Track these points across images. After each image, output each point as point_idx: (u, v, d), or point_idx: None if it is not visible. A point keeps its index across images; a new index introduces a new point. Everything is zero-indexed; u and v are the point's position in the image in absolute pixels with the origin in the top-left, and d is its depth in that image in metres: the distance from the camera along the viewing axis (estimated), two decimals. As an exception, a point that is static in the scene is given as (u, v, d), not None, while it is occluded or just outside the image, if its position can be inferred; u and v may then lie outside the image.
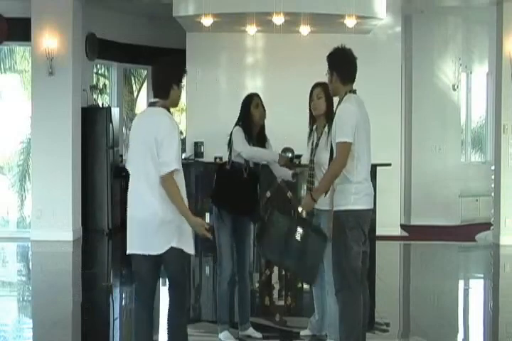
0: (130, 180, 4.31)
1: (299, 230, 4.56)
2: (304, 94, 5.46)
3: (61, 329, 5.75)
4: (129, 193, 4.31)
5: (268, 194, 8.61)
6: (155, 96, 4.22)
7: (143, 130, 4.17)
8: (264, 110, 5.44)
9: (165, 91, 4.19)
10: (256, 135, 5.37)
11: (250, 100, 5.34)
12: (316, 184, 5.02)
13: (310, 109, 5.21)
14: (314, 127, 5.18)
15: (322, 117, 5.08)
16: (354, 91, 4.60)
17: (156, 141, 4.04)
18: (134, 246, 4.26)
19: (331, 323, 5.04)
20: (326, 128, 5.01)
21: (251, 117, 5.29)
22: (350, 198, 4.43)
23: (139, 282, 4.40)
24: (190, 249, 4.21)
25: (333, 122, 4.51)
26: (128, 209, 4.26)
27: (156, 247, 4.14)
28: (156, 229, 4.10)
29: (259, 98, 5.42)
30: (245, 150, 5.15)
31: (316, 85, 5.18)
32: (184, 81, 4.37)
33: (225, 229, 5.26)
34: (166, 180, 4.05)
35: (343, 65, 4.59)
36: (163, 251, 4.14)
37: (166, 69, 4.29)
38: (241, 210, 5.21)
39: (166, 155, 4.02)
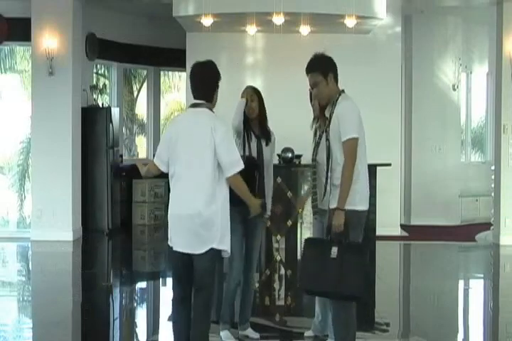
0: (175, 179, 4.34)
1: (334, 250, 4.27)
2: (304, 94, 5.47)
3: (61, 329, 5.75)
4: (175, 192, 4.36)
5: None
6: (201, 99, 4.40)
7: (195, 131, 4.29)
8: (260, 102, 5.36)
9: (211, 94, 4.43)
10: (259, 129, 5.29)
11: (241, 96, 5.34)
12: (317, 182, 5.03)
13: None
14: (317, 125, 5.17)
15: (323, 117, 5.08)
16: (343, 91, 4.60)
17: (214, 143, 4.21)
18: (176, 244, 4.32)
19: (329, 322, 5.05)
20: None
21: (244, 113, 5.26)
22: (355, 198, 4.37)
23: (174, 279, 4.49)
24: (228, 248, 4.38)
25: (333, 120, 4.46)
26: (171, 208, 4.35)
27: (197, 247, 4.24)
28: (199, 229, 4.20)
29: (251, 90, 5.40)
30: None
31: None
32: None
33: (235, 229, 5.08)
34: (235, 178, 4.27)
35: (335, 65, 4.61)
36: (203, 251, 4.24)
37: (213, 74, 4.52)
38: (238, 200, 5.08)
39: (231, 156, 4.25)
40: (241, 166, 4.25)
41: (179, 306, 4.45)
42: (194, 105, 4.42)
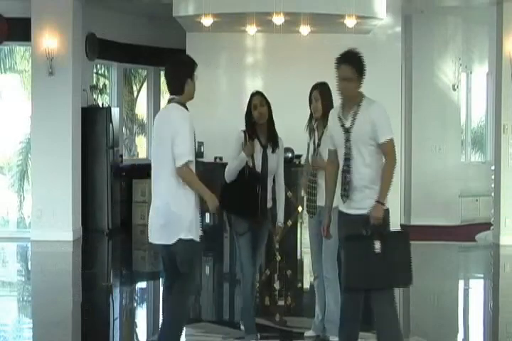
0: (152, 172, 4.54)
1: (377, 244, 4.24)
2: (304, 94, 5.47)
3: (61, 329, 5.75)
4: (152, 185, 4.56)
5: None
6: (171, 94, 4.49)
7: (160, 126, 4.46)
8: (268, 107, 5.24)
9: (179, 88, 4.44)
10: (266, 133, 5.23)
11: (250, 100, 5.29)
12: (319, 183, 5.05)
13: (311, 109, 5.28)
14: (315, 125, 5.19)
15: (321, 118, 5.09)
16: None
17: (171, 136, 4.31)
18: (151, 236, 4.48)
19: (329, 319, 5.09)
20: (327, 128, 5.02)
21: (252, 118, 5.23)
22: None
23: (164, 272, 4.64)
24: (197, 238, 4.38)
25: (361, 123, 4.31)
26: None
27: (166, 238, 4.34)
28: (167, 220, 4.31)
29: (260, 96, 5.27)
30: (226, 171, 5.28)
31: (314, 87, 5.27)
32: (196, 73, 4.54)
33: (244, 236, 5.18)
34: (181, 171, 4.31)
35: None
36: (172, 242, 4.32)
37: (178, 67, 4.50)
38: (243, 211, 5.13)
39: (179, 148, 4.29)
40: (184, 159, 4.27)
41: (166, 294, 4.63)
42: (168, 101, 4.55)
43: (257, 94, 5.26)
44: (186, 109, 4.47)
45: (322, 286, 5.23)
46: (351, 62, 4.37)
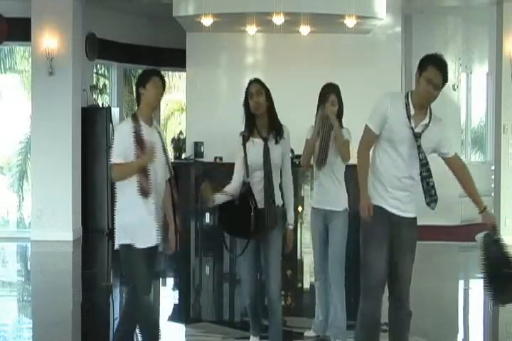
0: None
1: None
2: (304, 94, 5.48)
3: (61, 329, 5.75)
4: None
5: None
6: None
7: None
8: (267, 95, 4.87)
9: (137, 102, 4.52)
10: (267, 124, 4.74)
11: (247, 89, 4.99)
12: (324, 184, 5.09)
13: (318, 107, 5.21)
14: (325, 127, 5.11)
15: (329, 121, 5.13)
16: None
17: None
18: None
19: (337, 325, 5.05)
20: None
21: (249, 109, 4.87)
22: None
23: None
24: (136, 242, 4.28)
25: (433, 130, 4.30)
26: None
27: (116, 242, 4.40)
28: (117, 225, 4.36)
29: (258, 84, 4.93)
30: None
31: (331, 90, 5.19)
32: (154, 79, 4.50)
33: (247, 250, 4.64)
34: (111, 173, 4.36)
35: None
36: (116, 247, 4.35)
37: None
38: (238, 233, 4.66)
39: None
40: (111, 163, 4.31)
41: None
42: None
43: (254, 81, 4.92)
44: (149, 120, 4.46)
45: (323, 288, 5.21)
46: (445, 71, 4.13)
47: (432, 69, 4.09)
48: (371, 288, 4.17)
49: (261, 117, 4.75)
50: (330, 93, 5.16)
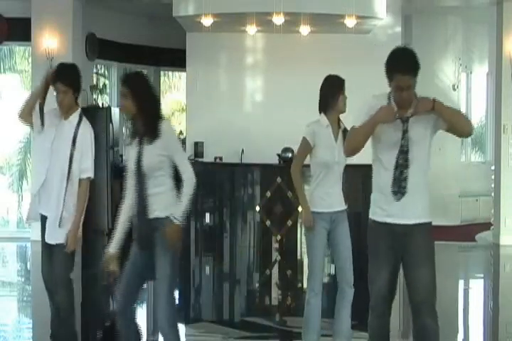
0: None
1: None
2: (304, 94, 5.45)
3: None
4: None
5: (268, 194, 8.63)
6: None
7: None
8: (136, 97, 4.19)
9: None
10: (142, 127, 4.27)
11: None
12: (333, 186, 4.79)
13: (328, 102, 4.83)
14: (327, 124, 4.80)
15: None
16: None
17: None
18: None
19: (339, 330, 4.87)
20: (341, 130, 4.78)
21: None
22: None
23: None
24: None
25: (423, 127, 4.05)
26: None
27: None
28: None
29: (123, 86, 4.21)
30: None
31: (343, 82, 4.92)
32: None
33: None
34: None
35: None
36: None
37: None
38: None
39: None
40: None
41: None
42: None
43: (121, 82, 4.19)
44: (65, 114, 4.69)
45: (318, 305, 4.81)
46: (415, 72, 3.96)
47: (397, 76, 3.97)
48: (375, 305, 4.09)
49: (136, 120, 4.27)
50: (342, 85, 4.90)
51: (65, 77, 4.60)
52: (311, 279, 4.76)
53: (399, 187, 3.90)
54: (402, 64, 3.96)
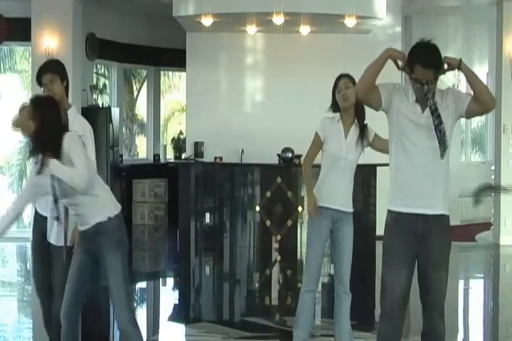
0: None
1: None
2: (304, 93, 5.44)
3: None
4: None
5: (268, 194, 8.63)
6: None
7: None
8: (35, 117, 4.34)
9: None
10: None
11: None
12: (333, 181, 4.70)
13: (335, 100, 4.75)
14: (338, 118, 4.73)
15: (351, 109, 4.71)
16: None
17: None
18: None
19: (340, 335, 4.73)
20: (355, 126, 4.70)
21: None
22: None
23: None
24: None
25: (452, 103, 4.00)
26: None
27: None
28: None
29: (27, 107, 4.45)
30: None
31: (342, 76, 4.80)
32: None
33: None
34: None
35: None
36: None
37: None
38: None
39: None
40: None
41: None
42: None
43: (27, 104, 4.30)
44: None
45: (312, 303, 4.71)
46: (438, 65, 3.99)
47: (418, 68, 3.86)
48: (387, 310, 3.92)
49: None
50: (340, 78, 4.78)
51: (48, 68, 4.82)
52: (305, 276, 4.74)
53: (444, 147, 3.72)
54: (426, 57, 3.88)
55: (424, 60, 3.84)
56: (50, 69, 4.82)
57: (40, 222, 4.58)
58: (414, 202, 3.78)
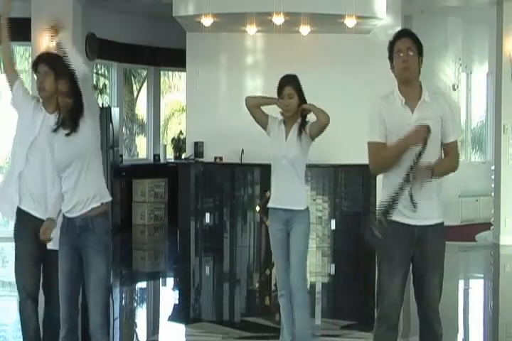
0: None
1: None
2: (304, 93, 5.44)
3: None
4: None
5: (268, 194, 8.62)
6: None
7: None
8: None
9: None
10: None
11: None
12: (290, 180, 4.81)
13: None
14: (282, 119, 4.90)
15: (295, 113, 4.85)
16: None
17: None
18: None
19: (296, 333, 4.62)
20: (296, 124, 4.81)
21: None
22: None
23: None
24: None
25: (443, 113, 3.96)
26: None
27: None
28: None
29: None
30: None
31: (287, 82, 4.96)
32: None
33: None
34: None
35: None
36: None
37: None
38: None
39: None
40: None
41: None
42: None
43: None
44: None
45: (289, 306, 4.63)
46: (413, 36, 3.98)
47: (396, 42, 4.00)
48: (383, 315, 3.92)
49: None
50: (286, 85, 4.96)
51: (48, 60, 4.47)
52: (277, 281, 4.73)
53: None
54: (400, 32, 4.02)
55: (396, 34, 4.00)
56: (50, 62, 4.54)
57: (27, 221, 4.45)
58: (410, 213, 3.73)
